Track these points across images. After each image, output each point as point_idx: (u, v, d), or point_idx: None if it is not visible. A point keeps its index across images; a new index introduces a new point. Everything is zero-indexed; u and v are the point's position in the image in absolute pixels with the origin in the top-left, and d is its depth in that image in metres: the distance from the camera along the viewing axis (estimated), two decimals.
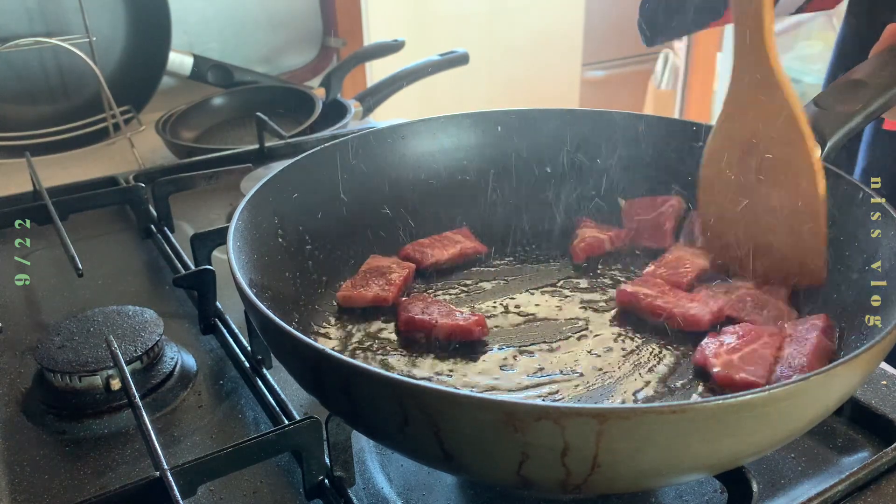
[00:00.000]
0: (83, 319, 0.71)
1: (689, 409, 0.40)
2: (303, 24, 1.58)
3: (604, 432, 0.40)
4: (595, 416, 0.39)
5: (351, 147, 0.77)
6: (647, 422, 0.40)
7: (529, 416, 0.40)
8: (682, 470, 0.46)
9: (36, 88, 1.30)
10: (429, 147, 0.81)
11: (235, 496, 0.57)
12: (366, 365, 0.44)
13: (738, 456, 0.46)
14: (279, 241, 0.69)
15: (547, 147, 0.83)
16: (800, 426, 0.47)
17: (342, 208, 0.77)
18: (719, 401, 0.40)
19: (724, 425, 0.41)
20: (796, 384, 0.41)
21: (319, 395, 0.53)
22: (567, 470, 0.42)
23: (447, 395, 0.42)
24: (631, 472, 0.44)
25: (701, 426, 0.41)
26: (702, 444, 0.42)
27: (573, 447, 0.41)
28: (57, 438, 0.63)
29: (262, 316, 0.50)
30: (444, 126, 0.81)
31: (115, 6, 1.32)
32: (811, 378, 0.42)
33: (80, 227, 0.95)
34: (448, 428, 0.43)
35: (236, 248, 0.59)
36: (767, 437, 0.45)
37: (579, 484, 0.43)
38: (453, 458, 0.45)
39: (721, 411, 0.40)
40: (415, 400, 0.43)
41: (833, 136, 0.65)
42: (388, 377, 0.43)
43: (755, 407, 0.41)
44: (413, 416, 0.43)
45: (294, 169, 0.72)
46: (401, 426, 0.45)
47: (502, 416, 0.40)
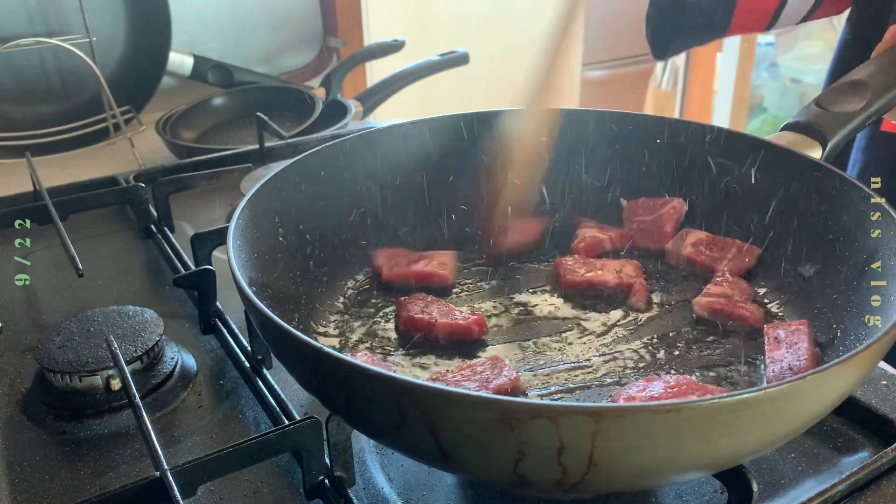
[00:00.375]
0: (83, 319, 0.71)
1: (684, 408, 0.40)
2: (303, 24, 1.58)
3: (599, 431, 0.40)
4: (590, 414, 0.39)
5: (351, 146, 0.77)
6: (642, 420, 0.40)
7: (525, 414, 0.40)
8: (679, 469, 0.45)
9: (36, 88, 1.30)
10: (429, 146, 0.81)
11: (235, 496, 0.57)
12: (362, 363, 0.44)
13: (735, 455, 0.46)
14: (280, 240, 0.69)
15: None
16: (797, 425, 0.47)
17: (343, 207, 0.77)
18: (715, 400, 0.40)
19: (720, 424, 0.41)
20: (792, 384, 0.41)
21: (318, 393, 0.53)
22: (563, 468, 0.42)
23: (443, 393, 0.42)
24: (627, 471, 0.43)
25: (697, 425, 0.41)
26: (698, 442, 0.42)
27: (569, 446, 0.41)
28: (57, 438, 0.63)
29: (260, 314, 0.50)
30: (445, 125, 0.81)
31: (116, 6, 1.32)
32: (808, 377, 0.42)
33: (80, 227, 0.95)
34: (444, 426, 0.43)
35: (236, 246, 0.59)
36: (765, 437, 0.45)
37: (576, 482, 0.43)
38: (450, 457, 0.45)
39: (717, 410, 0.40)
40: (411, 398, 0.43)
41: (834, 136, 0.65)
42: (385, 375, 0.43)
43: (751, 406, 0.41)
44: (409, 415, 0.44)
45: (295, 167, 0.72)
46: (398, 424, 0.45)
47: (498, 415, 0.40)
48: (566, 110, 0.82)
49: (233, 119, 1.36)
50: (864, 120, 0.67)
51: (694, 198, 0.78)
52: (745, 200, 0.74)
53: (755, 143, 0.72)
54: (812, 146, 0.67)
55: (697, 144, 0.77)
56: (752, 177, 0.73)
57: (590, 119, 0.82)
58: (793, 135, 0.69)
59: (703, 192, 0.77)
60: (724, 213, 0.76)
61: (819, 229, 0.67)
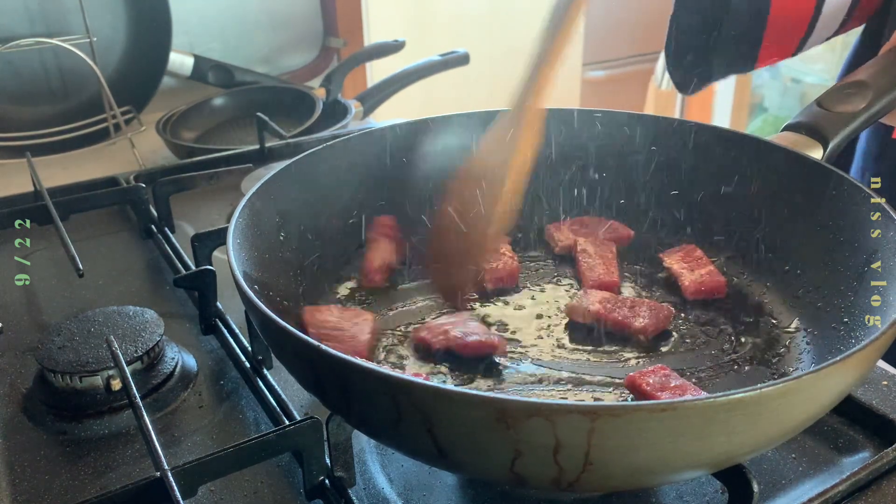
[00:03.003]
0: (84, 320, 0.71)
1: (679, 407, 0.40)
2: (303, 24, 1.58)
3: (595, 430, 0.40)
4: (586, 413, 0.39)
5: (353, 145, 0.77)
6: (637, 419, 0.40)
7: (521, 413, 0.40)
8: (675, 468, 0.45)
9: (36, 89, 1.30)
10: (430, 146, 0.81)
11: (236, 496, 0.57)
12: (359, 361, 0.44)
13: (731, 454, 0.46)
14: (280, 239, 0.69)
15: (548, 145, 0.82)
16: (794, 424, 0.47)
17: (345, 206, 0.76)
18: (710, 399, 0.40)
19: (715, 423, 0.41)
20: (788, 383, 0.41)
21: (317, 391, 0.53)
22: (559, 467, 0.42)
23: (439, 391, 0.42)
24: (624, 470, 0.44)
25: (692, 424, 0.41)
26: (694, 441, 0.42)
27: (565, 444, 0.41)
28: (57, 439, 0.63)
29: (259, 312, 0.50)
30: (447, 125, 0.81)
31: (116, 6, 1.32)
32: (803, 377, 0.42)
33: (80, 227, 0.96)
34: (441, 424, 0.43)
35: (236, 245, 0.59)
36: (761, 436, 0.45)
37: (572, 481, 0.43)
38: (447, 455, 0.45)
39: (712, 409, 0.40)
40: (407, 396, 0.43)
41: (835, 137, 0.65)
42: (381, 373, 0.43)
43: (747, 405, 0.41)
44: (406, 412, 0.44)
45: (296, 167, 0.72)
46: (395, 422, 0.45)
47: (494, 413, 0.40)
48: (573, 110, 0.81)
49: (233, 119, 1.36)
50: (865, 120, 0.67)
51: (694, 198, 0.78)
52: (745, 202, 0.74)
53: (756, 143, 0.72)
54: (813, 146, 0.67)
55: (697, 145, 0.77)
56: (752, 178, 0.73)
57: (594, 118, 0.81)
58: (794, 135, 0.69)
59: (704, 193, 0.77)
60: (722, 215, 0.76)
61: (820, 230, 0.67)
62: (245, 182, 0.99)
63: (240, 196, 0.97)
